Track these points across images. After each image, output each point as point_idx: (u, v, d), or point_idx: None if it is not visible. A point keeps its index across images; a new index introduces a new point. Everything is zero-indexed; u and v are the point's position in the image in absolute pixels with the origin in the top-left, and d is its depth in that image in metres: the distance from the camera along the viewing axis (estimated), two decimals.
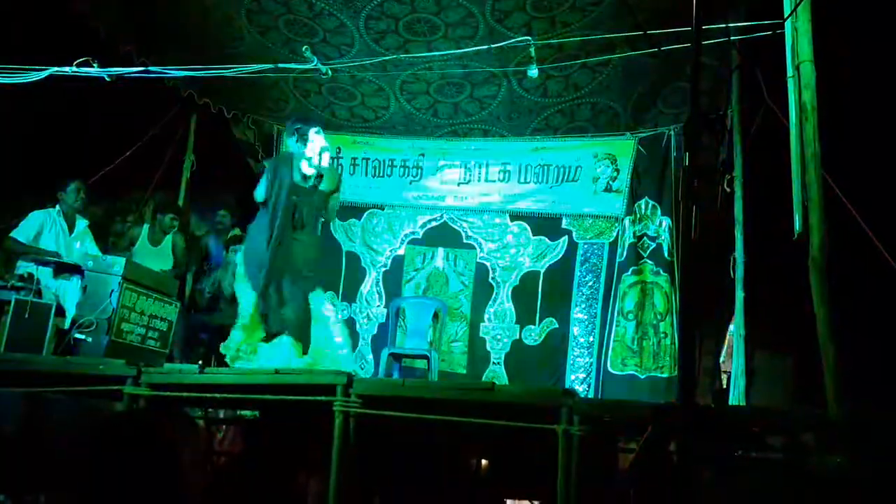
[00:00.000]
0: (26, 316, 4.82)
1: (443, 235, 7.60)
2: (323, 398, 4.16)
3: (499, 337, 7.27)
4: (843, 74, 5.12)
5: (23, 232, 5.72)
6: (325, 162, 5.22)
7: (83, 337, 4.88)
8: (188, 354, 6.25)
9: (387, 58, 5.88)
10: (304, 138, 5.22)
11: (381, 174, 7.70)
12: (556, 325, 7.16)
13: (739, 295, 5.65)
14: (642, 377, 6.73)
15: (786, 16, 4.13)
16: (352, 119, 7.48)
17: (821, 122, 3.97)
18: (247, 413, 6.08)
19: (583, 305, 7.16)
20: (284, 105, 7.48)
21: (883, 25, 5.50)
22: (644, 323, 6.86)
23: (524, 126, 7.31)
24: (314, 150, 5.18)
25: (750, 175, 5.83)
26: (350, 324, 7.19)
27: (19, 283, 5.03)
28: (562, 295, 7.21)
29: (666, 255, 6.88)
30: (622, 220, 7.12)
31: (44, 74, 5.28)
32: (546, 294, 7.24)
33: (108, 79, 5.40)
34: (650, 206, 7.04)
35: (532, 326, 7.21)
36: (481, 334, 7.32)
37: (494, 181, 7.50)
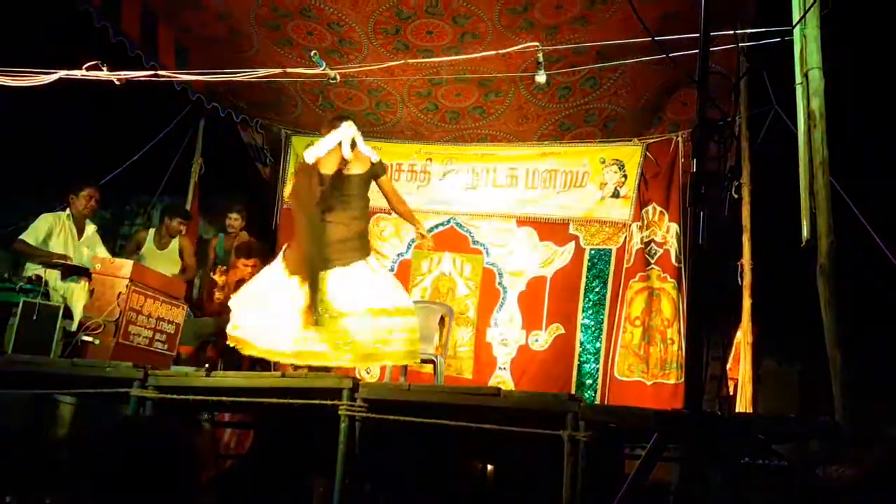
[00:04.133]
0: (34, 318, 4.84)
1: (450, 240, 7.59)
2: (329, 402, 4.17)
3: (505, 342, 7.25)
4: (853, 81, 5.12)
5: (32, 234, 5.74)
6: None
7: (90, 339, 4.91)
8: (197, 357, 6.26)
9: (395, 63, 5.89)
10: None
11: None
12: (563, 331, 7.14)
13: (747, 301, 5.64)
14: (649, 384, 6.71)
15: (794, 22, 4.13)
16: (359, 123, 7.48)
17: (829, 129, 3.96)
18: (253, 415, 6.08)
19: (590, 311, 7.14)
20: (293, 110, 7.51)
21: (892, 32, 5.49)
22: (651, 329, 6.85)
23: (531, 131, 7.32)
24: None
25: (758, 181, 5.82)
26: None
27: (27, 286, 5.05)
28: (569, 300, 7.20)
29: (673, 261, 6.87)
30: (629, 225, 7.11)
31: (53, 77, 5.30)
32: (553, 299, 7.23)
33: (117, 82, 5.42)
34: (658, 212, 7.03)
35: (539, 332, 7.19)
36: (488, 339, 7.31)
37: (502, 186, 7.50)
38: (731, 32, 4.88)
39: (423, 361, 6.48)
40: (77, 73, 5.33)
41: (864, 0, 5.39)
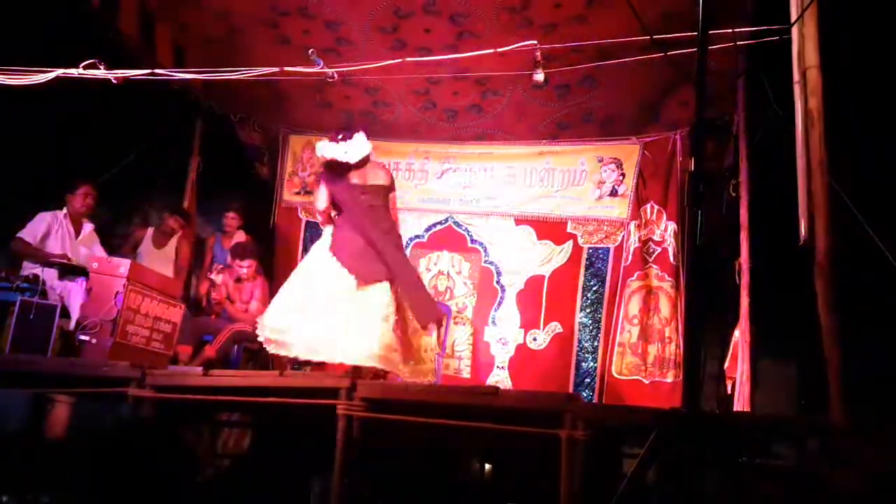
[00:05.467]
0: (31, 317, 4.84)
1: (448, 239, 7.60)
2: (327, 401, 4.17)
3: (503, 341, 7.25)
4: (850, 80, 5.11)
5: (29, 233, 5.73)
6: None
7: (88, 338, 4.90)
8: (193, 356, 6.25)
9: (393, 61, 5.88)
10: None
11: None
12: (561, 330, 7.14)
13: (745, 301, 5.64)
14: (647, 382, 6.71)
15: (792, 21, 4.13)
16: (356, 122, 7.46)
17: (827, 128, 3.96)
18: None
19: (587, 310, 7.15)
20: (290, 108, 7.49)
21: (891, 30, 5.49)
22: (649, 328, 6.84)
23: (529, 130, 7.31)
24: None
25: (756, 180, 5.82)
26: None
27: (24, 285, 5.05)
28: (567, 299, 7.20)
29: (671, 259, 6.87)
30: (627, 224, 7.12)
31: (50, 76, 5.30)
32: (551, 298, 7.23)
33: (114, 81, 5.41)
34: (655, 210, 7.03)
35: (536, 331, 7.20)
36: (485, 338, 7.31)
37: (499, 185, 7.50)
38: (730, 31, 4.88)
39: None
40: (74, 72, 5.32)
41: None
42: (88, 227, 6.07)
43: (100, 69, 5.32)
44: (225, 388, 4.49)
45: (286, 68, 5.68)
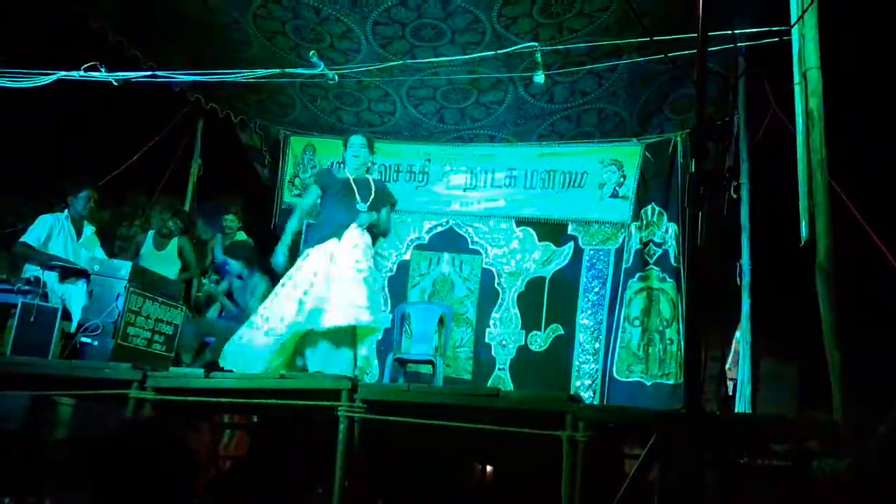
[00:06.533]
0: (32, 319, 4.83)
1: (448, 241, 7.59)
2: (328, 403, 4.16)
3: (504, 343, 7.25)
4: (851, 80, 5.12)
5: (33, 236, 5.73)
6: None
7: (89, 340, 4.90)
8: (195, 358, 6.25)
9: (393, 63, 5.88)
10: None
11: (386, 179, 7.68)
12: (562, 332, 7.13)
13: (746, 302, 5.64)
14: (648, 384, 6.71)
15: (792, 22, 4.13)
16: (358, 124, 7.48)
17: (827, 129, 3.96)
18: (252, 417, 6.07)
19: (588, 312, 7.14)
20: (291, 110, 7.50)
21: (891, 30, 5.49)
22: (650, 329, 6.85)
23: (530, 132, 7.31)
24: None
25: (756, 181, 5.82)
26: None
27: (26, 287, 5.04)
28: (567, 301, 7.19)
29: (672, 261, 6.86)
30: (628, 226, 7.11)
31: (52, 79, 5.30)
32: (552, 300, 7.23)
33: (115, 83, 5.41)
34: (656, 212, 7.03)
35: (537, 332, 7.19)
36: (487, 340, 7.31)
37: (500, 187, 7.50)
38: (730, 32, 4.88)
39: (422, 362, 6.50)
40: (75, 74, 5.33)
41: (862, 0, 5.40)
42: (89, 231, 6.07)
43: (100, 71, 5.33)
44: (226, 390, 4.49)
45: (287, 70, 5.69)
